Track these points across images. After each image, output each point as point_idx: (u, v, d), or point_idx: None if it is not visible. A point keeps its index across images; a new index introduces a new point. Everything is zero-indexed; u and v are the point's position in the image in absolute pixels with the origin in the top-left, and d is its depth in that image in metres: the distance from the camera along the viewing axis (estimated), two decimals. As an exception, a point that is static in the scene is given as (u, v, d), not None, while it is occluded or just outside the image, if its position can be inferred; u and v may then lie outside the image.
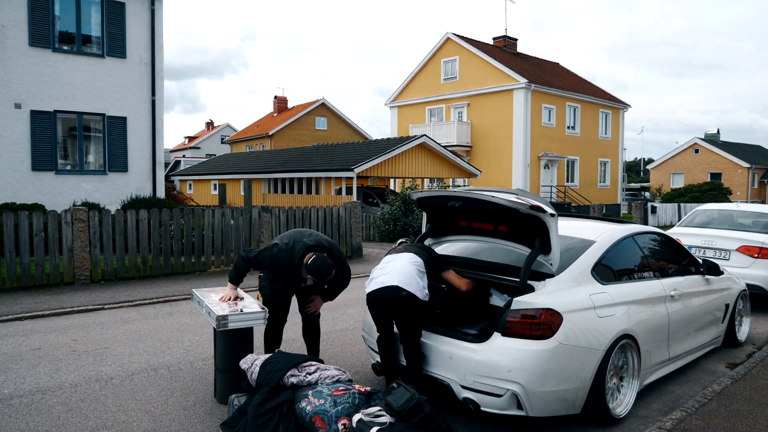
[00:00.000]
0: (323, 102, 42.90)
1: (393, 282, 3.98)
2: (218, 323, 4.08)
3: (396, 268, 4.07)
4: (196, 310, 7.50)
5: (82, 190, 14.22)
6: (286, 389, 3.81)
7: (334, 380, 3.90)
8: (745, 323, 6.40)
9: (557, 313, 3.72)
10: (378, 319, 4.19)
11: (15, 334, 6.21)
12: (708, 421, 3.92)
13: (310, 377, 3.88)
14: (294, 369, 3.91)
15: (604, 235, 4.60)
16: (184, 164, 39.54)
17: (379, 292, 4.04)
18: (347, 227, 12.83)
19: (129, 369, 5.08)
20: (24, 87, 13.28)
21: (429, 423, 3.37)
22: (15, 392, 4.48)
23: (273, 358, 4.04)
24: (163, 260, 9.92)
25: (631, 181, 57.49)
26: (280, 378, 3.82)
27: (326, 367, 4.03)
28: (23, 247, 8.41)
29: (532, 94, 27.55)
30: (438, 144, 22.55)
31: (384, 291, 4.00)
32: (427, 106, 32.03)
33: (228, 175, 28.21)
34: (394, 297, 3.95)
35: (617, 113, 33.65)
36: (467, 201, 4.27)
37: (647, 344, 4.40)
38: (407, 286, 3.95)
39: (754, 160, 44.13)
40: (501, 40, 32.64)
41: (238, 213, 10.89)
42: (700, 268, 5.54)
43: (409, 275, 4.01)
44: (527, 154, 27.53)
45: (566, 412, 3.82)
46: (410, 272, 4.03)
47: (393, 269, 4.08)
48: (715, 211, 9.56)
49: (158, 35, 15.20)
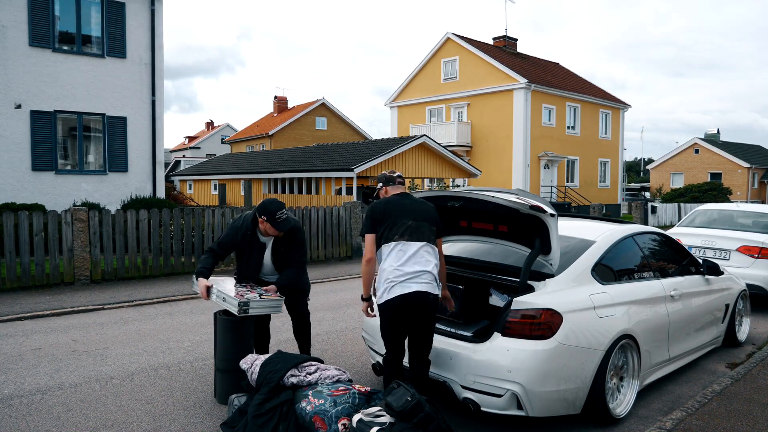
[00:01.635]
0: (323, 102, 42.90)
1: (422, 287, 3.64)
2: (239, 309, 4.05)
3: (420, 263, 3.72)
4: (197, 310, 7.52)
5: (82, 190, 14.22)
6: (286, 389, 3.81)
7: (334, 380, 3.90)
8: (745, 323, 6.40)
9: (557, 313, 3.72)
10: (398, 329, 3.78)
11: (15, 334, 6.21)
12: (708, 421, 3.92)
13: (310, 377, 3.88)
14: (294, 369, 3.91)
15: (604, 235, 4.60)
16: (184, 164, 39.54)
17: (410, 296, 3.62)
18: (347, 227, 12.83)
19: (129, 369, 5.08)
20: (24, 87, 13.29)
21: (429, 423, 3.37)
22: (15, 392, 4.48)
23: (273, 358, 4.04)
24: (163, 260, 9.92)
25: (631, 181, 57.49)
26: (280, 378, 3.82)
27: (326, 367, 4.03)
28: (23, 247, 8.41)
29: (532, 94, 27.55)
30: (438, 144, 22.54)
31: (413, 296, 3.62)
32: (427, 106, 32.03)
33: (228, 175, 28.21)
34: (422, 301, 3.64)
35: (617, 113, 33.66)
36: (467, 201, 4.27)
37: (647, 344, 4.40)
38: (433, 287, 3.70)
39: (754, 160, 44.14)
40: (501, 40, 32.64)
41: (238, 213, 10.89)
42: (700, 268, 5.54)
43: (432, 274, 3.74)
44: (527, 154, 27.53)
45: (566, 412, 3.82)
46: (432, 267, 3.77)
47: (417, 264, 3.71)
48: (715, 211, 9.56)
49: (158, 35, 15.20)
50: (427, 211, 3.89)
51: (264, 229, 4.45)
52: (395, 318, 3.68)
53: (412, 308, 3.63)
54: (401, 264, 3.66)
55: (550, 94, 28.74)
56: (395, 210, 3.80)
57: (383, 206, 3.84)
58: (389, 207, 3.83)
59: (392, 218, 3.77)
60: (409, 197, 3.96)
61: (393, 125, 34.09)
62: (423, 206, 3.91)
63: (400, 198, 3.92)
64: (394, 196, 3.96)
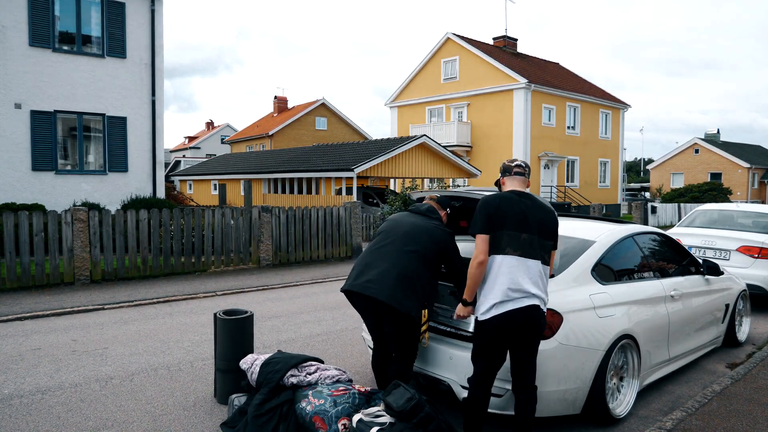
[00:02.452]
0: (323, 102, 42.90)
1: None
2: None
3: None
4: (197, 310, 7.52)
5: (82, 190, 14.22)
6: (287, 389, 3.81)
7: (334, 380, 3.90)
8: (745, 323, 6.41)
9: (557, 314, 3.72)
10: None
11: (15, 334, 6.21)
12: (708, 421, 3.92)
13: (310, 377, 3.88)
14: (294, 369, 3.91)
15: (604, 235, 4.60)
16: (184, 164, 39.52)
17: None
18: (347, 227, 12.83)
19: (129, 369, 5.08)
20: (24, 87, 13.29)
21: (429, 423, 3.37)
22: (15, 392, 4.48)
23: (273, 358, 4.04)
24: (163, 260, 9.92)
25: (631, 181, 57.48)
26: (280, 378, 3.81)
27: (326, 367, 4.03)
28: (23, 247, 8.41)
29: (532, 94, 27.55)
30: (438, 144, 22.54)
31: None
32: (427, 106, 32.04)
33: (228, 175, 28.21)
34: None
35: (617, 113, 33.65)
36: (467, 201, 4.27)
37: (647, 344, 4.40)
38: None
39: (754, 160, 44.14)
40: (501, 40, 32.65)
41: (238, 213, 10.89)
42: (700, 268, 5.55)
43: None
44: (527, 154, 27.53)
45: (566, 412, 3.82)
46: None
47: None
48: (715, 212, 9.56)
49: (158, 35, 15.21)
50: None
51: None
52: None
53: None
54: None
55: (550, 94, 28.74)
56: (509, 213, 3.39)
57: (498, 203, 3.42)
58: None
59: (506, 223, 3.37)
60: (529, 197, 3.50)
61: (393, 125, 34.09)
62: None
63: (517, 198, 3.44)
64: (510, 193, 3.49)
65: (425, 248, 3.77)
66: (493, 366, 3.41)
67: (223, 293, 8.65)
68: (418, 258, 3.74)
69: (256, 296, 8.55)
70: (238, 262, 10.87)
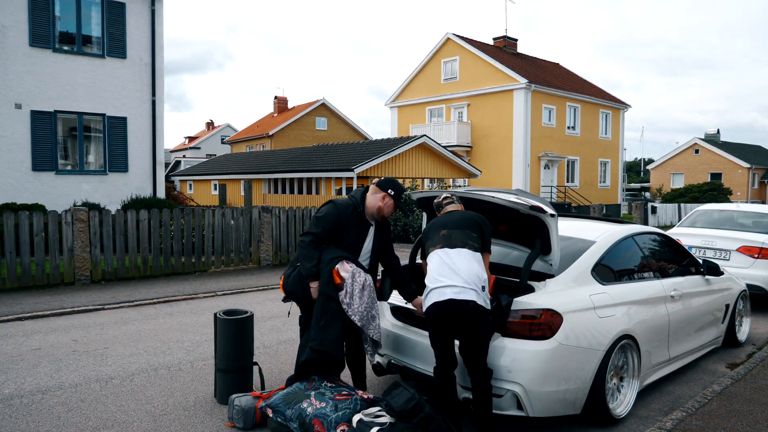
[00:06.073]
0: (323, 102, 42.92)
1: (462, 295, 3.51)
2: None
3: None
4: (197, 310, 7.52)
5: (82, 190, 14.23)
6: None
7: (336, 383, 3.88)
8: (745, 323, 6.40)
9: (557, 314, 3.72)
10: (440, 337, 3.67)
11: (15, 334, 6.21)
12: (708, 422, 3.92)
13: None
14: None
15: (604, 235, 4.60)
16: (184, 164, 39.51)
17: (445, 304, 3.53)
18: (347, 227, 12.81)
19: (129, 369, 5.08)
20: (24, 87, 13.29)
21: (429, 423, 3.37)
22: (15, 392, 4.49)
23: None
24: (163, 260, 9.92)
25: (632, 182, 57.46)
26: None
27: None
28: (23, 247, 8.41)
29: (532, 94, 27.55)
30: (438, 144, 22.53)
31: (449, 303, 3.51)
32: (427, 106, 32.03)
33: (228, 175, 28.20)
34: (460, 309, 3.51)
35: (617, 113, 33.65)
36: (467, 201, 4.27)
37: (647, 344, 4.40)
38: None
39: (754, 160, 44.12)
40: (501, 41, 32.65)
41: (238, 213, 10.89)
42: (700, 268, 5.54)
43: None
44: (527, 155, 27.53)
45: (566, 412, 3.82)
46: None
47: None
48: (716, 212, 9.56)
49: (158, 35, 15.21)
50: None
51: (381, 206, 4.10)
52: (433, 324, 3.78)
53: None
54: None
55: (550, 94, 28.74)
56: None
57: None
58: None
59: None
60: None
61: (393, 125, 34.09)
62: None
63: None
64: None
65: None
66: (443, 354, 3.66)
67: (223, 293, 8.65)
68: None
69: (256, 296, 8.55)
70: (238, 262, 10.87)
